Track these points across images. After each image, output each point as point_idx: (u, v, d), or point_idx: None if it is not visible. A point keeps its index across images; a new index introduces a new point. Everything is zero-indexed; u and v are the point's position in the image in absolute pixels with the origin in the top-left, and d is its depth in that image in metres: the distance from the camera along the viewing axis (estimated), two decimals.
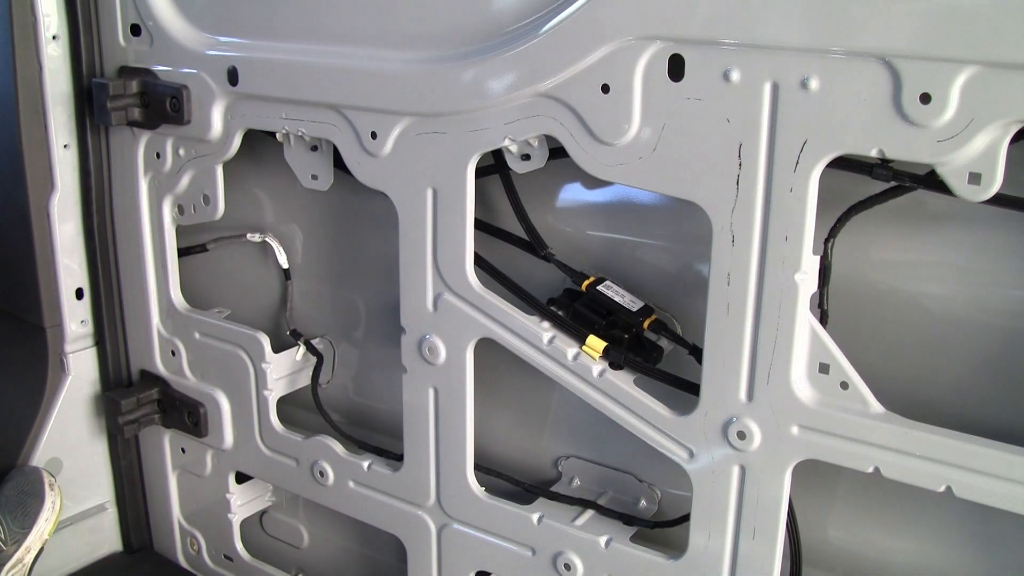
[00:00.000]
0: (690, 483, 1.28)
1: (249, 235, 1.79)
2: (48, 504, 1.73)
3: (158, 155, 1.67)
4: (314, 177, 1.57)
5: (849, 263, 1.24)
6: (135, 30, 1.63)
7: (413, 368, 1.47)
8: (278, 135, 1.55)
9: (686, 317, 1.40)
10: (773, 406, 1.18)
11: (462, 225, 1.36)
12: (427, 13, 1.34)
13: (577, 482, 1.57)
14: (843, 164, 1.10)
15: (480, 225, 1.45)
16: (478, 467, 1.51)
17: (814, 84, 1.05)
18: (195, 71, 1.56)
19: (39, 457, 1.82)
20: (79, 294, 1.82)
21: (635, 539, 1.39)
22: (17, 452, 1.80)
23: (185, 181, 1.66)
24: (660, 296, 1.41)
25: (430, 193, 1.38)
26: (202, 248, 1.82)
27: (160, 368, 1.83)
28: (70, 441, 1.87)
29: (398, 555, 1.68)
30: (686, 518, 1.31)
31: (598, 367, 1.32)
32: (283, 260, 1.78)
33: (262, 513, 1.99)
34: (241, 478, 1.86)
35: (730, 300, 1.17)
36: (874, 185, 1.13)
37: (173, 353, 1.80)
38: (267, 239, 1.78)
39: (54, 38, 1.67)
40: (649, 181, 1.20)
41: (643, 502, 1.51)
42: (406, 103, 1.35)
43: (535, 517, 1.44)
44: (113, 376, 1.88)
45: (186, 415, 1.79)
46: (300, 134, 1.49)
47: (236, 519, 1.88)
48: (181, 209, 1.69)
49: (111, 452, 1.94)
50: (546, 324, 1.36)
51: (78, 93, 1.71)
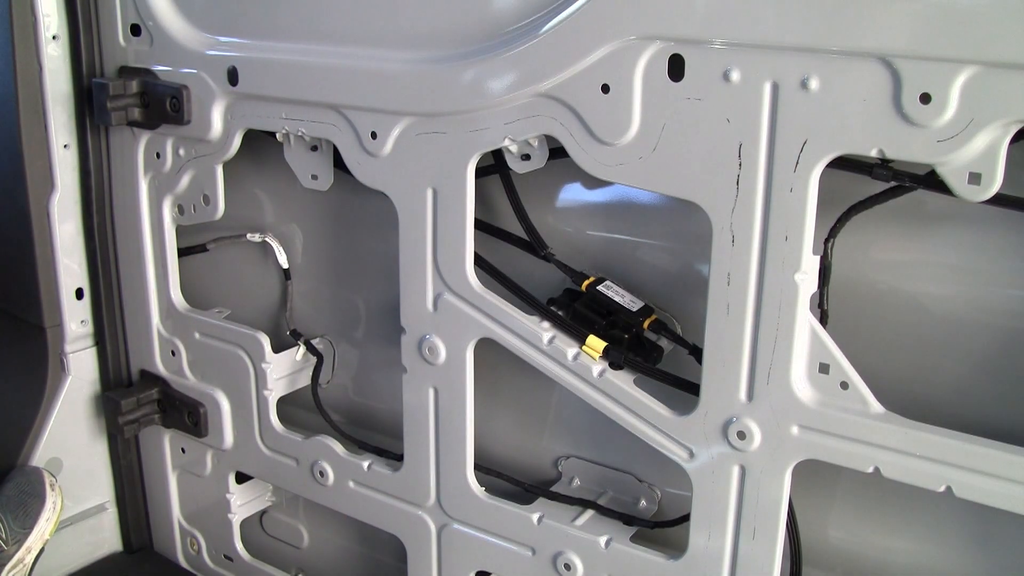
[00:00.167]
0: (690, 483, 1.28)
1: (249, 235, 1.79)
2: (49, 504, 1.73)
3: (158, 155, 1.67)
4: (314, 177, 1.57)
5: (849, 263, 1.24)
6: (135, 30, 1.63)
7: (413, 368, 1.47)
8: (278, 135, 1.55)
9: (686, 317, 1.40)
10: (773, 406, 1.18)
11: (462, 225, 1.36)
12: (427, 13, 1.34)
13: (577, 482, 1.57)
14: (843, 164, 1.10)
15: (480, 225, 1.45)
16: (478, 467, 1.51)
17: (814, 84, 1.05)
18: (195, 71, 1.56)
19: (39, 457, 1.82)
20: (79, 294, 1.82)
21: (635, 539, 1.39)
22: (17, 452, 1.80)
23: (185, 181, 1.66)
24: (660, 296, 1.41)
25: (430, 193, 1.38)
26: (202, 248, 1.81)
27: (160, 368, 1.83)
28: (70, 441, 1.87)
29: (398, 555, 1.68)
30: (686, 518, 1.31)
31: (598, 367, 1.32)
32: (283, 260, 1.78)
33: (262, 513, 1.99)
34: (241, 478, 1.86)
35: (730, 300, 1.17)
36: (874, 185, 1.13)
37: (173, 353, 1.80)
38: (267, 239, 1.78)
39: (54, 38, 1.67)
40: (649, 181, 1.20)
41: (643, 502, 1.50)
42: (406, 103, 1.35)
43: (535, 517, 1.44)
44: (113, 376, 1.88)
45: (186, 415, 1.79)
46: (300, 134, 1.49)
47: (236, 519, 1.88)
48: (181, 209, 1.69)
49: (111, 452, 1.94)
50: (546, 324, 1.36)
51: (78, 93, 1.71)
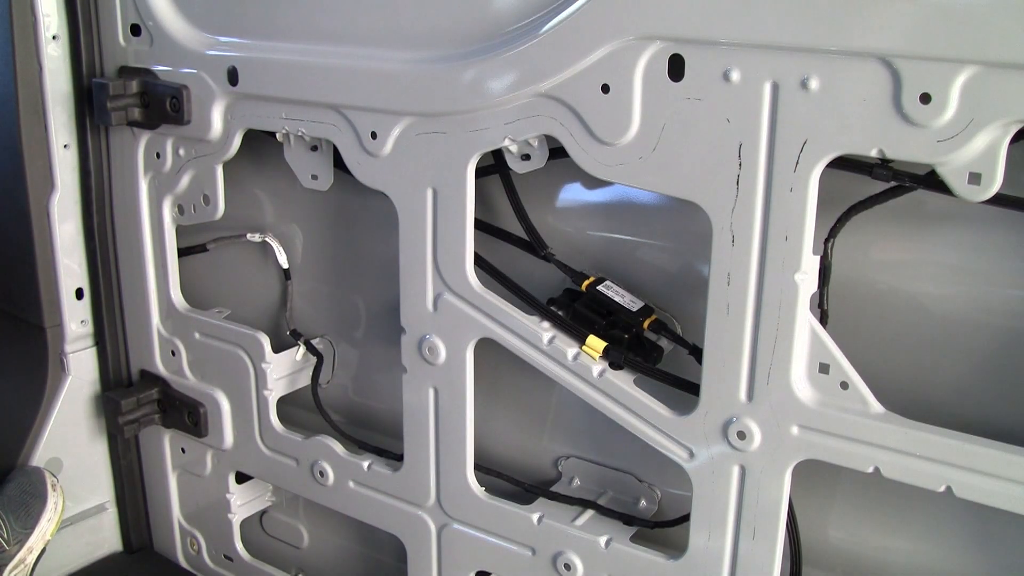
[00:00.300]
0: (690, 483, 1.28)
1: (249, 235, 1.78)
2: (51, 504, 1.73)
3: (158, 155, 1.67)
4: (314, 177, 1.57)
5: (849, 263, 1.23)
6: (135, 30, 1.63)
7: (413, 368, 1.47)
8: (278, 135, 1.55)
9: (686, 317, 1.40)
10: (773, 406, 1.18)
11: (462, 225, 1.36)
12: (427, 13, 1.34)
13: (577, 482, 1.57)
14: (843, 164, 1.10)
15: (480, 225, 1.45)
16: (478, 467, 1.51)
17: (814, 84, 1.05)
18: (195, 71, 1.56)
19: (39, 457, 1.82)
20: (79, 294, 1.82)
21: (635, 539, 1.39)
22: (17, 452, 1.80)
23: (185, 181, 1.66)
24: (660, 296, 1.41)
25: (430, 193, 1.38)
26: (202, 248, 1.81)
27: (160, 368, 1.83)
28: (70, 441, 1.87)
29: (398, 555, 1.68)
30: (686, 518, 1.31)
31: (598, 367, 1.32)
32: (283, 260, 1.78)
33: (262, 513, 1.99)
34: (241, 478, 1.86)
35: (730, 300, 1.17)
36: (874, 185, 1.13)
37: (173, 353, 1.80)
38: (267, 239, 1.78)
39: (54, 38, 1.67)
40: (649, 181, 1.20)
41: (643, 502, 1.50)
42: (406, 103, 1.35)
43: (535, 517, 1.44)
44: (113, 376, 1.88)
45: (186, 415, 1.79)
46: (300, 134, 1.49)
47: (236, 519, 1.88)
48: (181, 209, 1.69)
49: (111, 452, 1.94)
50: (546, 324, 1.36)
51: (78, 93, 1.71)
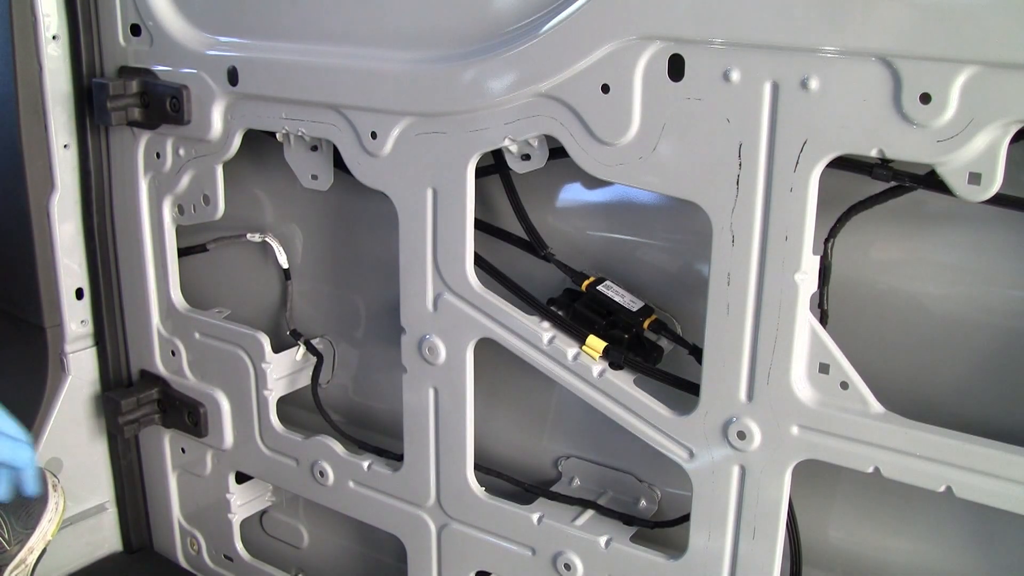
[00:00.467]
0: (690, 483, 1.28)
1: (249, 235, 1.78)
2: (52, 504, 1.72)
3: (158, 155, 1.67)
4: (314, 177, 1.57)
5: (849, 263, 1.23)
6: (135, 30, 1.63)
7: (413, 368, 1.47)
8: (278, 135, 1.55)
9: (686, 317, 1.39)
10: (773, 406, 1.18)
11: (462, 225, 1.36)
12: (427, 13, 1.34)
13: (577, 482, 1.57)
14: (843, 164, 1.10)
15: (480, 225, 1.45)
16: (478, 467, 1.51)
17: (814, 84, 1.05)
18: (195, 71, 1.56)
19: (39, 457, 1.81)
20: (79, 294, 1.82)
21: (635, 539, 1.39)
22: None
23: (185, 181, 1.66)
24: (660, 296, 1.41)
25: (430, 193, 1.38)
26: (202, 248, 1.81)
27: (160, 368, 1.83)
28: (70, 441, 1.87)
29: (398, 555, 1.68)
30: (686, 518, 1.31)
31: (598, 367, 1.32)
32: (283, 260, 1.78)
33: (262, 513, 1.99)
34: (241, 478, 1.86)
35: (730, 300, 1.17)
36: (874, 185, 1.13)
37: (173, 353, 1.80)
38: (267, 239, 1.78)
39: (54, 38, 1.67)
40: (649, 181, 1.20)
41: (643, 502, 1.50)
42: (406, 103, 1.35)
43: (535, 517, 1.44)
44: (113, 376, 1.88)
45: (186, 415, 1.79)
46: (300, 134, 1.49)
47: (236, 519, 1.88)
48: (181, 209, 1.69)
49: (111, 452, 1.94)
50: (546, 324, 1.36)
51: (78, 93, 1.71)
